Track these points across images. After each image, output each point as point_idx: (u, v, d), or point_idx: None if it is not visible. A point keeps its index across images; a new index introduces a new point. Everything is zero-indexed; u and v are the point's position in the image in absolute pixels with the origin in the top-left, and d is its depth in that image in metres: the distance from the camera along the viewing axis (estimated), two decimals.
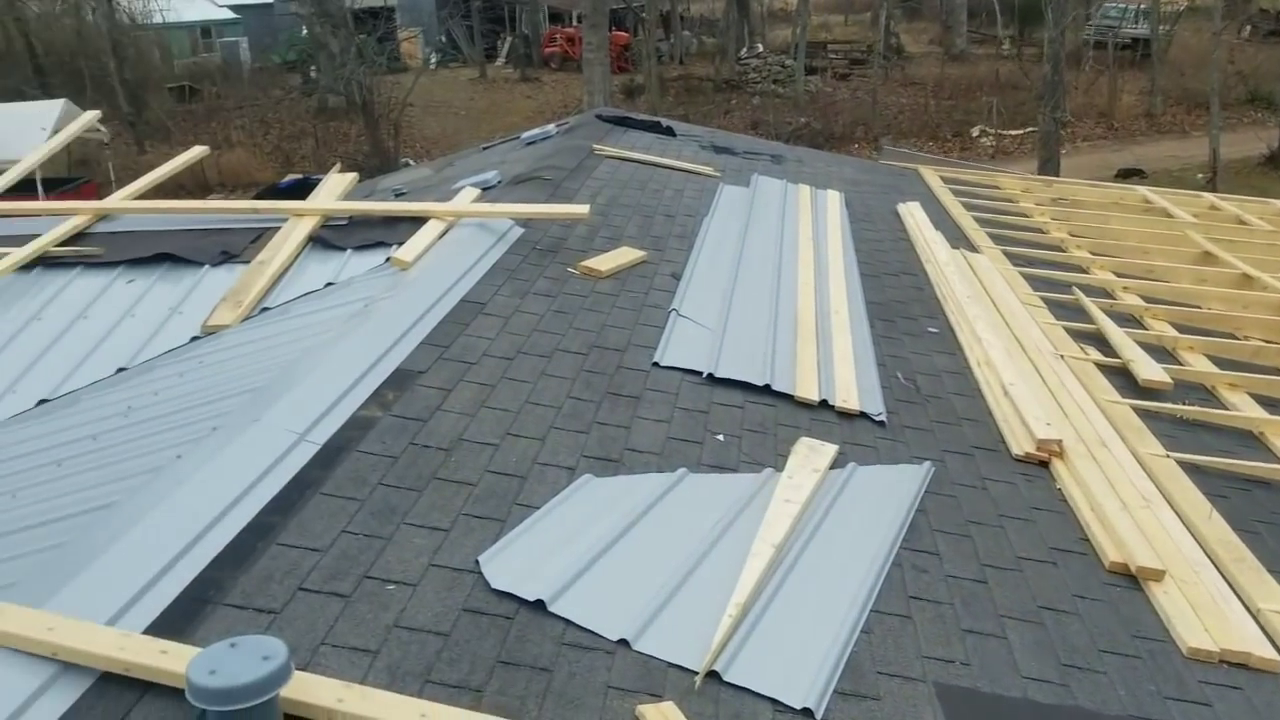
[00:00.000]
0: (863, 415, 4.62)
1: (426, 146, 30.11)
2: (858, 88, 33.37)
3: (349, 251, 6.05)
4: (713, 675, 2.77)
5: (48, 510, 3.44)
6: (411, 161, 26.64)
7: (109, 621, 2.50)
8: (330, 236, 6.19)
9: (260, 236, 6.25)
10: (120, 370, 5.15)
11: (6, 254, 6.08)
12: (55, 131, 22.42)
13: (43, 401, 4.97)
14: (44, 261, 6.14)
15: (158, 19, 35.37)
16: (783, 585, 3.21)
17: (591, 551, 3.20)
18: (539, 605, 2.93)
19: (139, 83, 30.60)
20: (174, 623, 2.60)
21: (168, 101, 29.97)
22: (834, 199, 8.33)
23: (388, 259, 5.82)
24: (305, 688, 2.30)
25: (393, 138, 28.43)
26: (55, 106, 22.51)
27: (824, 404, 4.65)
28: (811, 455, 4.05)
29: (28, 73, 32.93)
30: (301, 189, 13.98)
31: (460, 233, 6.11)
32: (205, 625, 2.63)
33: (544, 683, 2.65)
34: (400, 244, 5.85)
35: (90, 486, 3.54)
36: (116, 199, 6.76)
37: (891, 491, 3.96)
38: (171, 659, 2.36)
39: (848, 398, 4.71)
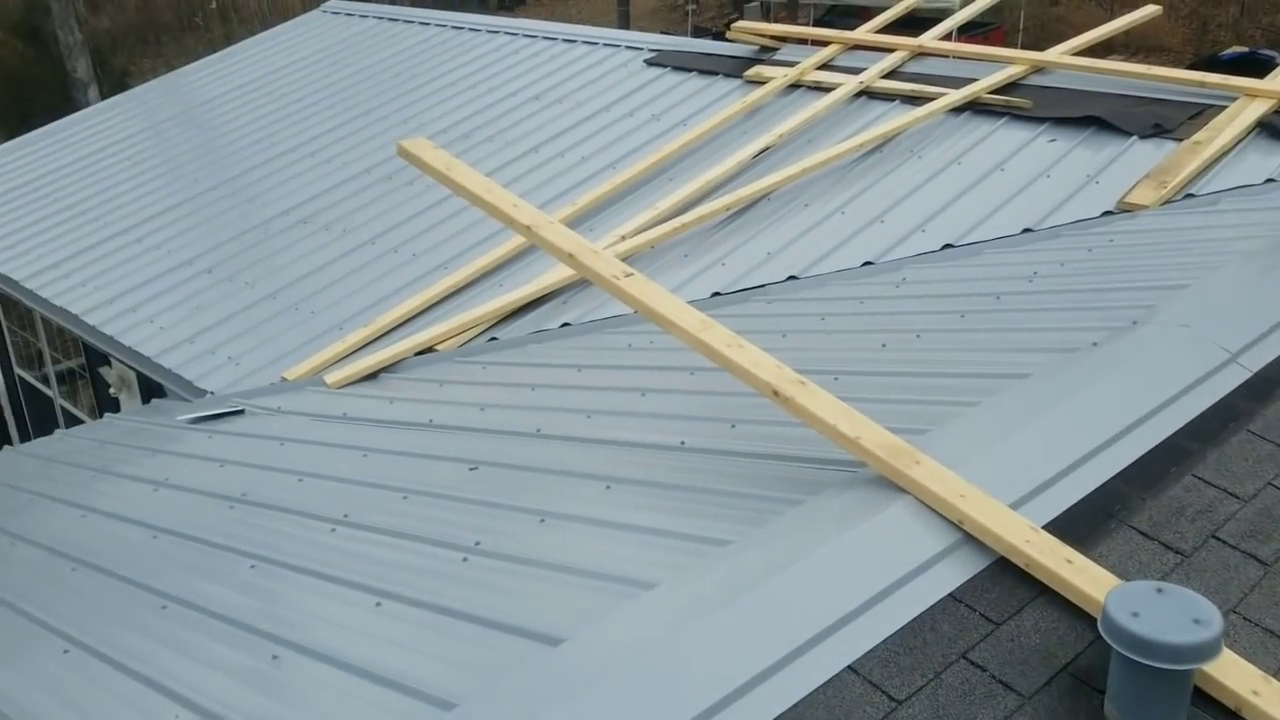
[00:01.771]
0: None
1: None
2: None
3: None
4: None
5: (951, 361, 3.49)
6: None
7: (1013, 505, 2.41)
8: None
9: (1200, 113, 5.62)
10: (1026, 230, 5.07)
11: (943, 94, 6.31)
12: None
13: (947, 246, 5.12)
14: (974, 106, 6.26)
15: None
16: None
17: None
18: None
19: None
20: (1074, 527, 2.43)
21: None
22: None
23: None
24: (1218, 662, 1.98)
25: None
26: None
27: None
28: None
29: None
30: (1248, 64, 12.47)
31: None
32: (1106, 542, 2.42)
33: None
34: None
35: (994, 349, 3.50)
36: (1054, 53, 6.57)
37: None
38: (1076, 572, 2.20)
39: None
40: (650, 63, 7.96)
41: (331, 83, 9.13)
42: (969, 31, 22.62)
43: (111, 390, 7.24)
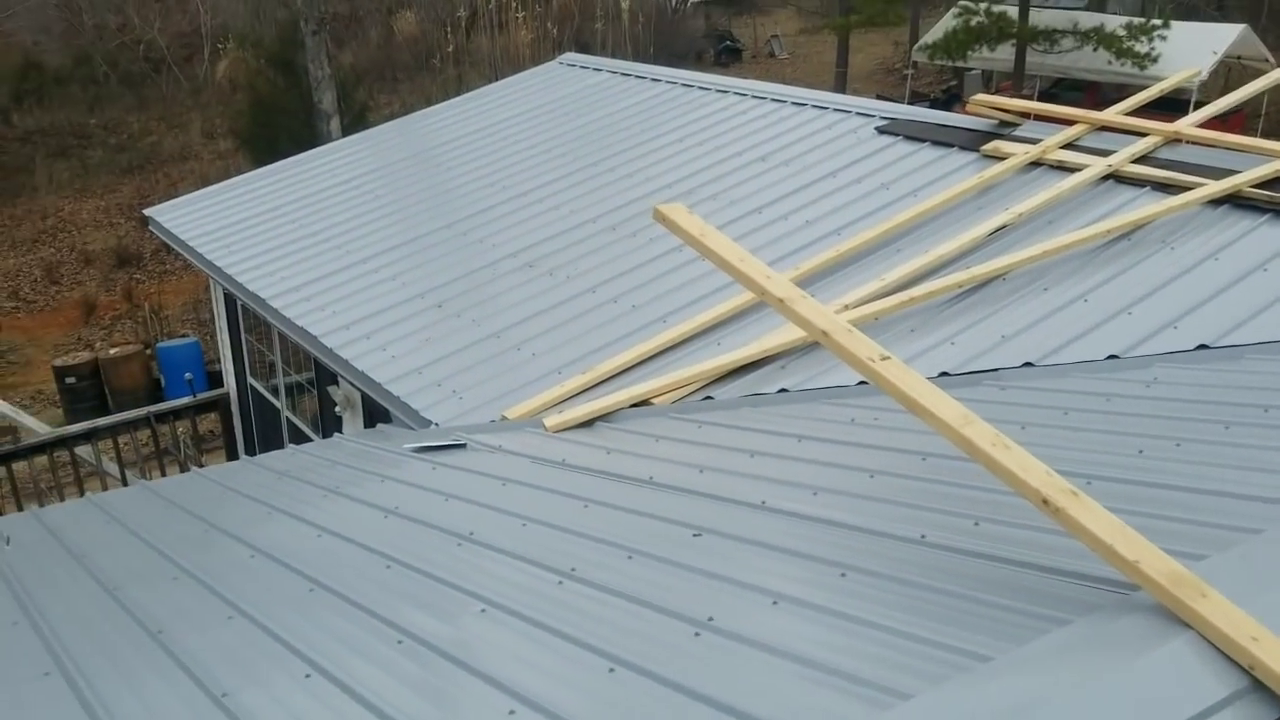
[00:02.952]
0: None
1: None
2: None
3: None
4: None
5: (1220, 478, 3.24)
6: None
7: None
8: None
9: None
10: None
11: (1200, 184, 5.96)
12: (1225, 57, 21.97)
13: (1202, 346, 4.79)
14: (1233, 200, 5.88)
15: None
16: None
17: None
18: None
19: None
20: None
21: None
22: None
23: None
24: None
25: None
26: (1233, 31, 21.94)
27: None
28: None
29: None
30: None
31: None
32: None
33: None
34: None
35: (1270, 469, 3.23)
36: None
37: None
38: None
39: None
40: (882, 130, 7.88)
41: (563, 132, 9.43)
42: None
43: (337, 409, 7.61)
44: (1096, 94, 22.64)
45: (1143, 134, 6.72)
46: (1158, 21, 20.58)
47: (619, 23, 24.43)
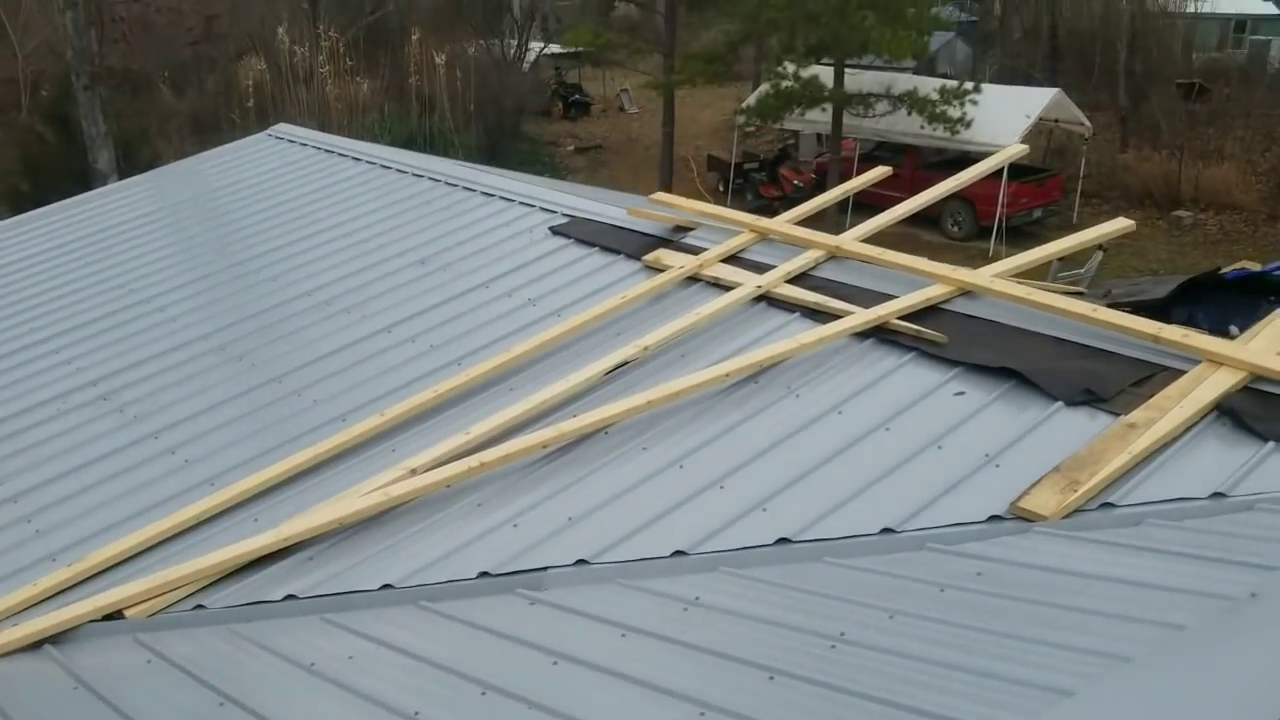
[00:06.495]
0: None
1: None
2: None
3: (1271, 445, 3.85)
4: None
5: None
6: None
7: None
8: (1251, 411, 4.02)
9: (1148, 378, 4.35)
10: (885, 531, 3.81)
11: (850, 313, 5.12)
12: (1040, 120, 21.96)
13: (783, 540, 3.87)
14: (881, 333, 5.05)
15: (1191, 8, 32.93)
16: None
17: None
18: None
19: (1147, 76, 28.69)
20: None
21: (1169, 100, 27.55)
22: None
23: None
24: None
25: None
26: (1046, 95, 22.00)
27: None
28: None
29: (1043, 54, 33.42)
30: (1258, 287, 10.55)
31: None
32: None
33: None
34: None
35: None
36: (986, 274, 5.32)
37: None
38: None
39: None
40: (555, 231, 6.93)
41: (242, 218, 8.28)
42: (1025, 177, 21.42)
43: None
44: (916, 157, 22.46)
45: (807, 246, 5.88)
46: (969, 86, 20.44)
47: (435, 74, 23.42)
